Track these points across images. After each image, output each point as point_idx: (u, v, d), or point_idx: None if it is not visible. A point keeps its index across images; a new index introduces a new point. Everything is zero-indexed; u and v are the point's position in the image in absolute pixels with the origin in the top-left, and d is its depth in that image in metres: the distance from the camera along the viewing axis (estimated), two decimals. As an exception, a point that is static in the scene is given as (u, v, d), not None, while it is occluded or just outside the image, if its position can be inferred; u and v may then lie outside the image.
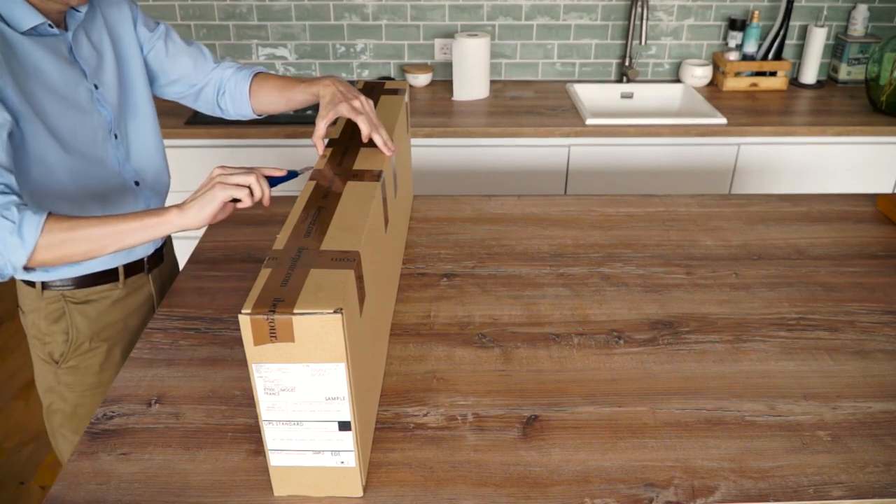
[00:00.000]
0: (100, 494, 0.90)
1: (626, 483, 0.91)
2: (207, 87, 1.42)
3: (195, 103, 1.45)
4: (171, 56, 1.36)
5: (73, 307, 1.29)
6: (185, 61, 1.38)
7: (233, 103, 1.42)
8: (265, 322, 0.76)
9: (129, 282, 1.34)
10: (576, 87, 2.62)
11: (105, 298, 1.32)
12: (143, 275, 1.38)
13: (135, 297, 1.37)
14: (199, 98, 1.43)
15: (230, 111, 1.44)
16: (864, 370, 1.11)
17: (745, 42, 2.57)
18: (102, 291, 1.31)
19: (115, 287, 1.32)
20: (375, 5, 2.57)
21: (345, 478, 0.88)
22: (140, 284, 1.38)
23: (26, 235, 0.98)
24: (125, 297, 1.35)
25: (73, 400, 1.34)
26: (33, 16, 1.10)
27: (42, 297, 1.27)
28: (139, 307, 1.38)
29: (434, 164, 2.28)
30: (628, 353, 1.15)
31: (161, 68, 1.37)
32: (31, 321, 1.30)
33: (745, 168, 2.31)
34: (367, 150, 1.14)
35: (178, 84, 1.40)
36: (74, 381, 1.33)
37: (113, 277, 1.32)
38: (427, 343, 1.17)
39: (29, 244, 0.98)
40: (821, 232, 1.51)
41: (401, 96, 1.39)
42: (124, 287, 1.34)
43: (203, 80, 1.41)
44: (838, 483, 0.91)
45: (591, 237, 1.49)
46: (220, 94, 1.42)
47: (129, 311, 1.36)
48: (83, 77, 1.19)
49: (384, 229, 1.11)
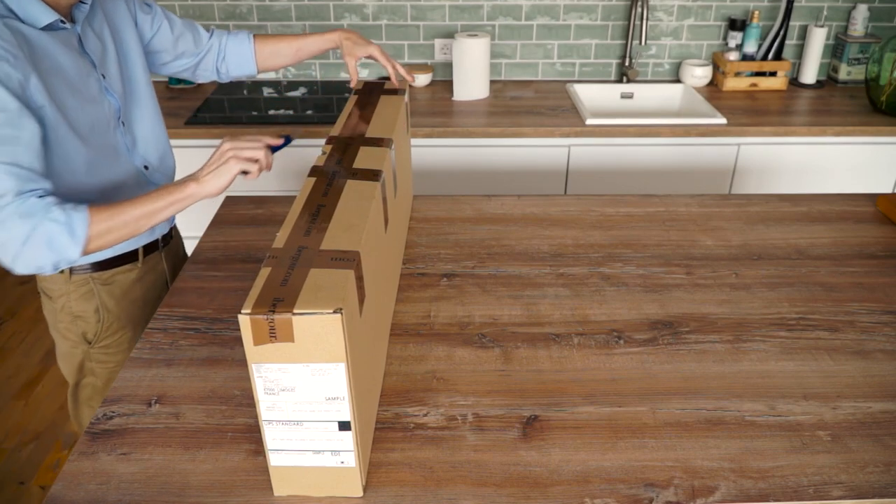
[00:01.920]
0: (100, 494, 0.90)
1: (626, 483, 0.91)
2: (207, 56, 1.52)
3: (194, 74, 1.54)
4: (176, 34, 1.45)
5: (101, 287, 1.35)
6: (187, 36, 1.48)
7: (235, 65, 1.54)
8: (265, 322, 0.76)
9: (146, 260, 1.42)
10: (576, 87, 2.62)
11: (125, 278, 1.38)
12: (158, 253, 1.45)
13: (151, 275, 1.44)
14: (198, 68, 1.53)
15: (231, 73, 1.55)
16: (864, 370, 1.11)
17: (745, 42, 2.57)
18: (123, 272, 1.37)
19: (134, 267, 1.39)
20: (375, 5, 2.57)
21: (345, 478, 0.88)
22: (155, 263, 1.45)
23: (77, 232, 1.06)
24: (144, 276, 1.42)
25: (106, 375, 1.41)
26: (48, 13, 1.13)
27: (70, 280, 1.32)
28: (155, 284, 1.46)
29: (434, 164, 2.28)
30: (628, 353, 1.15)
31: (166, 48, 1.44)
32: (61, 305, 1.34)
33: (745, 168, 2.31)
34: (367, 149, 1.14)
35: (181, 58, 1.49)
36: (108, 359, 1.40)
37: (133, 258, 1.38)
38: (427, 343, 1.17)
39: (80, 240, 1.07)
40: (821, 232, 1.51)
41: (401, 96, 1.39)
42: (143, 266, 1.41)
43: (203, 50, 1.51)
44: (838, 483, 0.91)
45: (591, 237, 1.49)
46: (219, 60, 1.53)
47: (148, 287, 1.44)
48: (93, 68, 1.23)
49: (384, 229, 1.11)
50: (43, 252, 1.05)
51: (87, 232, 1.07)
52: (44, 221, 1.04)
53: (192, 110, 2.34)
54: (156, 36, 1.41)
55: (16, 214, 1.03)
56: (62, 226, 1.05)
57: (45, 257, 1.06)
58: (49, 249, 1.05)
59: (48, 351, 2.66)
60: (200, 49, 1.50)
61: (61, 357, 1.41)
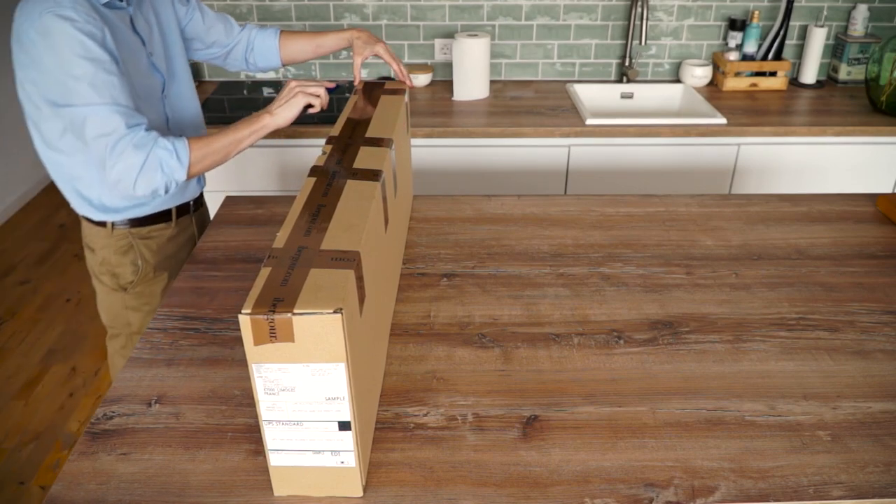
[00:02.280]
0: (100, 494, 0.90)
1: (626, 483, 0.91)
2: (237, 47, 1.67)
3: (225, 62, 1.69)
4: (207, 24, 1.60)
5: (139, 241, 1.50)
6: (219, 27, 1.62)
7: (262, 57, 1.68)
8: (265, 322, 0.76)
9: (178, 221, 1.57)
10: (576, 87, 2.62)
11: (161, 235, 1.54)
12: (189, 216, 1.60)
13: (182, 235, 1.59)
14: (228, 57, 1.68)
15: (258, 64, 1.70)
16: (864, 370, 1.11)
17: (745, 42, 2.57)
18: (159, 230, 1.52)
19: (168, 226, 1.54)
20: (375, 5, 2.57)
21: (345, 478, 0.88)
22: (186, 224, 1.60)
23: (182, 157, 1.28)
24: (176, 235, 1.57)
25: (139, 321, 1.56)
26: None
27: (112, 234, 1.48)
28: (185, 244, 1.61)
29: (434, 164, 2.28)
30: (628, 353, 1.15)
31: (198, 35, 1.60)
32: (102, 257, 1.50)
33: (745, 168, 2.31)
34: (367, 149, 1.14)
35: (213, 47, 1.64)
36: (139, 304, 1.55)
37: (167, 218, 1.53)
38: (427, 343, 1.17)
39: (185, 163, 1.28)
40: (821, 232, 1.51)
41: (401, 96, 1.39)
42: (175, 226, 1.56)
43: (233, 42, 1.66)
44: (838, 483, 0.91)
45: (591, 237, 1.49)
46: (248, 51, 1.68)
47: (179, 246, 1.59)
48: (142, 45, 1.38)
49: (384, 229, 1.11)
50: (157, 175, 1.26)
51: (189, 157, 1.28)
52: (155, 149, 1.25)
53: (192, 110, 2.34)
54: (188, 25, 1.57)
55: (130, 145, 1.23)
56: (170, 152, 1.26)
57: (158, 180, 1.27)
58: (162, 173, 1.26)
59: (48, 351, 2.66)
60: (231, 40, 1.65)
61: (101, 305, 1.57)
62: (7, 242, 3.44)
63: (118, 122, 1.22)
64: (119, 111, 1.22)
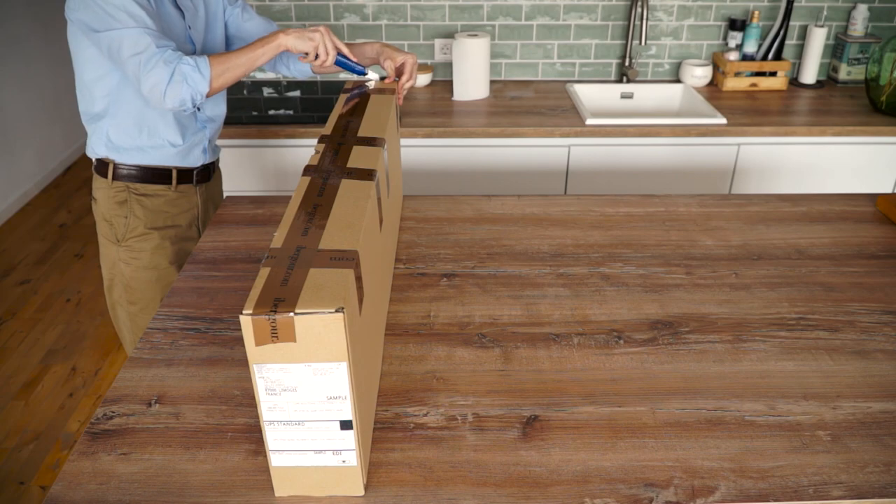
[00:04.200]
0: (100, 494, 0.90)
1: (626, 483, 0.91)
2: None
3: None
4: (246, 21, 1.71)
5: (134, 197, 1.60)
6: (257, 26, 1.72)
7: (295, 63, 1.75)
8: (266, 322, 0.76)
9: (179, 188, 1.65)
10: (576, 87, 2.62)
11: (160, 196, 1.63)
12: (192, 185, 1.68)
13: (183, 202, 1.67)
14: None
15: (292, 70, 1.77)
16: (864, 370, 1.11)
17: (745, 42, 2.57)
18: (158, 190, 1.62)
19: (167, 189, 1.63)
20: (375, 5, 2.57)
21: (346, 477, 0.88)
22: (188, 193, 1.68)
23: (203, 71, 1.42)
24: (176, 199, 1.65)
25: (129, 274, 1.65)
26: None
27: (111, 185, 1.60)
28: (186, 211, 1.69)
29: (434, 164, 2.28)
30: (628, 353, 1.15)
31: (237, 29, 1.71)
32: (102, 207, 1.62)
33: (745, 168, 2.31)
34: (360, 148, 1.14)
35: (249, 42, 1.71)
36: (130, 258, 1.63)
37: (166, 179, 1.62)
38: (427, 343, 1.17)
39: (207, 77, 1.43)
40: (821, 232, 1.51)
41: (390, 96, 1.40)
42: (175, 190, 1.65)
43: None
44: (838, 483, 0.91)
45: (591, 237, 1.49)
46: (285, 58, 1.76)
47: (178, 211, 1.67)
48: (182, 18, 1.54)
49: (379, 228, 1.11)
50: (183, 87, 1.41)
51: (210, 71, 1.42)
52: (180, 65, 1.40)
53: (192, 110, 2.34)
54: (229, 19, 1.70)
55: (161, 61, 1.39)
56: (193, 67, 1.41)
57: (185, 91, 1.41)
58: (187, 85, 1.41)
59: (48, 351, 2.66)
60: None
61: (101, 255, 1.69)
62: (7, 242, 3.44)
63: (149, 42, 1.39)
64: (150, 34, 1.39)
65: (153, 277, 1.66)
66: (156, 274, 1.66)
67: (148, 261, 1.64)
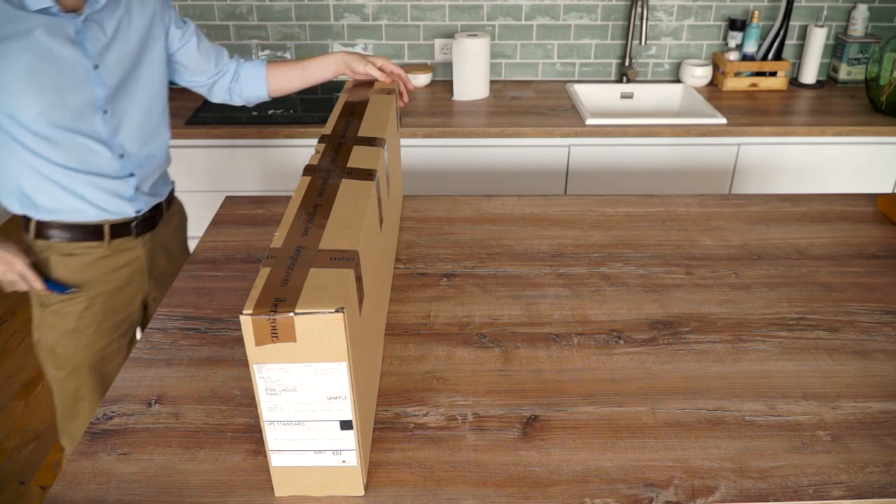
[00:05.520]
0: (100, 494, 0.90)
1: (626, 483, 0.91)
2: (224, 77, 1.61)
3: (210, 92, 1.63)
4: (202, 52, 1.56)
5: (58, 258, 1.42)
6: (210, 58, 1.58)
7: (248, 87, 1.62)
8: (267, 322, 0.76)
9: (115, 243, 1.46)
10: (576, 87, 2.62)
11: (88, 254, 1.44)
12: (132, 238, 1.48)
13: (120, 257, 1.48)
14: (213, 87, 1.62)
15: (244, 95, 1.63)
16: (864, 370, 1.11)
17: (745, 42, 2.57)
18: (87, 247, 1.43)
19: (99, 245, 1.44)
20: (375, 5, 2.57)
21: (346, 477, 0.88)
22: (128, 247, 1.49)
23: None
24: (110, 256, 1.46)
25: (53, 339, 1.47)
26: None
27: (34, 242, 1.43)
28: (124, 266, 1.49)
29: (434, 164, 2.28)
30: (628, 353, 1.15)
31: (189, 62, 1.55)
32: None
33: (745, 168, 2.31)
34: (360, 148, 1.14)
35: (200, 75, 1.58)
36: (56, 323, 1.46)
37: (98, 235, 1.43)
38: (427, 343, 1.17)
39: None
40: (821, 232, 1.51)
41: (391, 95, 1.40)
42: (108, 247, 1.46)
43: (221, 72, 1.61)
44: (838, 483, 0.91)
45: (591, 237, 1.49)
46: (233, 81, 1.62)
47: (113, 268, 1.48)
48: (83, 56, 1.32)
49: (379, 228, 1.11)
50: None
51: None
52: None
53: (192, 110, 2.34)
54: (181, 50, 1.53)
55: None
56: None
57: None
58: None
59: (48, 351, 2.66)
60: (219, 70, 1.60)
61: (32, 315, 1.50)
62: (7, 242, 3.43)
63: None
64: None
65: (81, 343, 1.47)
66: (84, 340, 1.47)
67: (74, 325, 1.45)
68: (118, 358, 1.55)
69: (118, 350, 1.55)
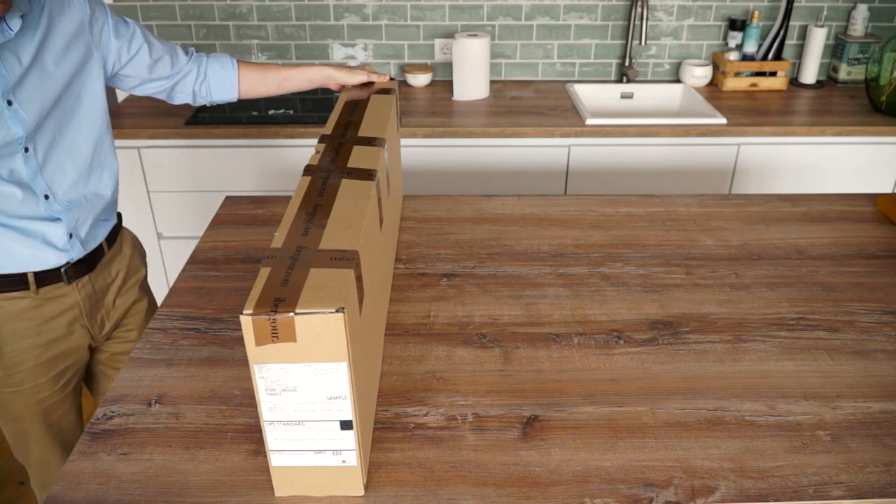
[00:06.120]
0: (100, 494, 0.90)
1: (626, 483, 0.91)
2: (185, 79, 1.46)
3: (170, 96, 1.48)
4: (154, 58, 1.39)
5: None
6: (165, 61, 1.42)
7: (218, 90, 1.49)
8: (267, 322, 0.76)
9: (43, 291, 1.28)
10: (576, 87, 2.62)
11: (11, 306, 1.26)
12: (65, 284, 1.30)
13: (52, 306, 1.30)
14: (173, 90, 1.47)
15: (211, 96, 1.50)
16: (864, 370, 1.11)
17: (745, 42, 2.57)
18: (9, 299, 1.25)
19: (24, 295, 1.26)
20: (375, 5, 2.57)
21: (346, 477, 0.88)
22: (60, 294, 1.31)
23: None
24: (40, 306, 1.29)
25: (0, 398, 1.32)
26: None
27: None
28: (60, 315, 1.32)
29: (434, 164, 2.28)
30: (628, 353, 1.15)
31: (139, 72, 1.39)
32: None
33: (745, 168, 2.31)
34: (360, 148, 1.14)
35: (155, 81, 1.43)
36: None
37: (22, 285, 1.25)
38: (427, 343, 1.17)
39: None
40: (821, 232, 1.51)
41: (392, 95, 1.40)
42: (37, 296, 1.28)
43: (180, 73, 1.45)
44: (838, 483, 0.91)
45: (591, 237, 1.49)
46: (198, 83, 1.47)
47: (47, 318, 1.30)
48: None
49: (379, 228, 1.11)
50: None
51: None
52: None
53: (193, 110, 2.34)
54: (132, 61, 1.36)
55: None
56: None
57: None
58: None
59: (48, 351, 2.66)
60: (177, 71, 1.44)
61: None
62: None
63: None
64: None
65: (31, 399, 1.33)
66: (34, 394, 1.33)
67: (20, 380, 1.31)
68: (63, 407, 1.40)
69: (62, 400, 1.39)
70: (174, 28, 2.60)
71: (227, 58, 1.50)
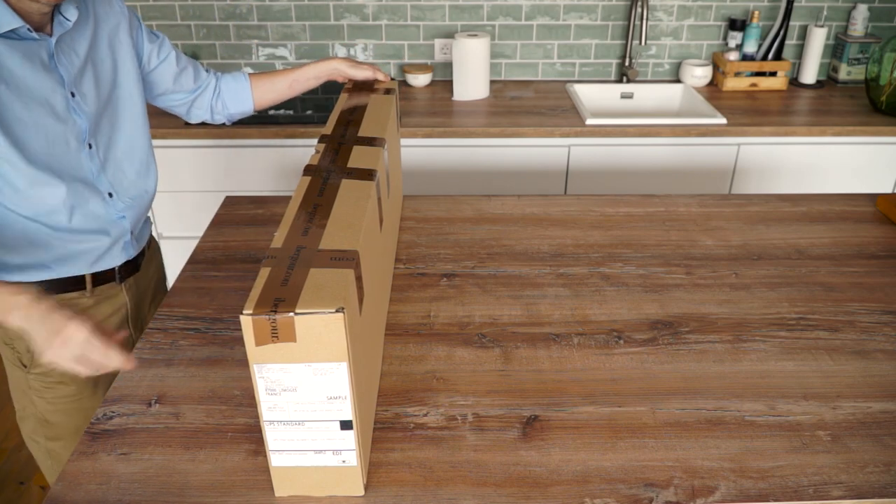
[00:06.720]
0: (100, 494, 0.90)
1: (626, 483, 0.91)
2: (204, 94, 1.50)
3: (188, 111, 1.51)
4: (180, 68, 1.43)
5: None
6: (189, 72, 1.46)
7: (233, 103, 1.52)
8: (267, 322, 0.76)
9: (98, 290, 1.31)
10: (576, 87, 2.62)
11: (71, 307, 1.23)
12: (115, 284, 1.34)
13: (105, 306, 1.33)
14: (193, 105, 1.50)
15: (228, 111, 1.53)
16: (864, 370, 1.11)
17: (745, 42, 2.57)
18: (68, 299, 1.26)
19: (81, 295, 1.28)
20: (375, 5, 2.57)
21: (346, 477, 0.88)
22: (112, 293, 1.34)
23: None
24: (94, 305, 1.31)
25: (44, 407, 1.31)
26: (11, 18, 1.08)
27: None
28: (110, 316, 1.35)
29: (434, 164, 2.28)
30: (628, 353, 1.15)
31: (165, 80, 1.42)
32: None
33: (745, 168, 2.31)
34: (360, 148, 1.14)
35: (178, 93, 1.46)
36: (43, 388, 1.30)
37: (79, 285, 1.28)
38: (427, 343, 1.17)
39: None
40: (821, 232, 1.51)
41: (391, 95, 1.40)
42: (92, 296, 1.30)
43: (201, 88, 1.50)
44: (838, 483, 0.91)
45: (591, 237, 1.49)
46: (214, 97, 1.51)
47: (99, 318, 1.31)
48: (60, 84, 1.16)
49: (379, 228, 1.11)
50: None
51: None
52: None
53: (192, 110, 2.34)
54: (160, 66, 1.39)
55: None
56: None
57: None
58: None
59: (48, 351, 2.66)
60: (199, 85, 1.48)
61: (8, 379, 1.34)
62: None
63: None
64: None
65: (74, 407, 1.32)
66: (77, 402, 1.32)
67: (73, 389, 1.31)
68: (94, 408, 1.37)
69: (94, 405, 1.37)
70: (174, 28, 2.60)
71: (241, 73, 1.54)
